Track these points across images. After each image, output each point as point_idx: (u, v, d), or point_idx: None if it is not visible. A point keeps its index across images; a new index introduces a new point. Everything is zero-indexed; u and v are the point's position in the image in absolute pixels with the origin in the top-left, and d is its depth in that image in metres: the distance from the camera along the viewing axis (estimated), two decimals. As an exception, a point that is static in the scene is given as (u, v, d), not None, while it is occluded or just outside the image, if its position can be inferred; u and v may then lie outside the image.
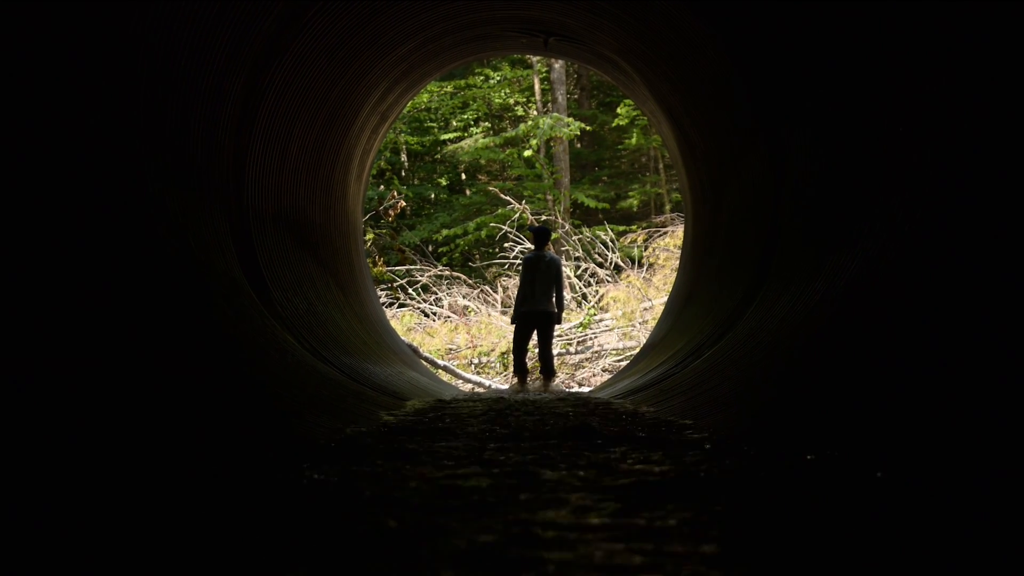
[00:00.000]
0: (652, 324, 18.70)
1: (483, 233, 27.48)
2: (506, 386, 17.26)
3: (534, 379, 15.96)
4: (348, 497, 3.95)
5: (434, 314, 22.63)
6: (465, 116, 31.57)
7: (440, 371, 17.83)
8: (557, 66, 29.13)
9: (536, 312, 15.03)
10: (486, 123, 31.87)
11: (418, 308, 22.96)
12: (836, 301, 6.56)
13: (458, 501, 3.77)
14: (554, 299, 15.13)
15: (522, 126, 29.13)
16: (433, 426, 6.98)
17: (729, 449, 5.12)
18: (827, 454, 4.45)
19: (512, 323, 15.54)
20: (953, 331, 4.68)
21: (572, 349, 20.09)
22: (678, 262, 17.91)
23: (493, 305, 22.89)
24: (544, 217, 26.57)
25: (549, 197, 28.82)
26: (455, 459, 5.11)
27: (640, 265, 23.83)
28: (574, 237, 24.81)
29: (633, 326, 20.30)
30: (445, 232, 28.21)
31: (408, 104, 23.20)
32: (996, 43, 5.01)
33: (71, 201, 5.54)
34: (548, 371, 15.36)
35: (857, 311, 6.12)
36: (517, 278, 22.28)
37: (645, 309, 20.71)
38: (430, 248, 27.89)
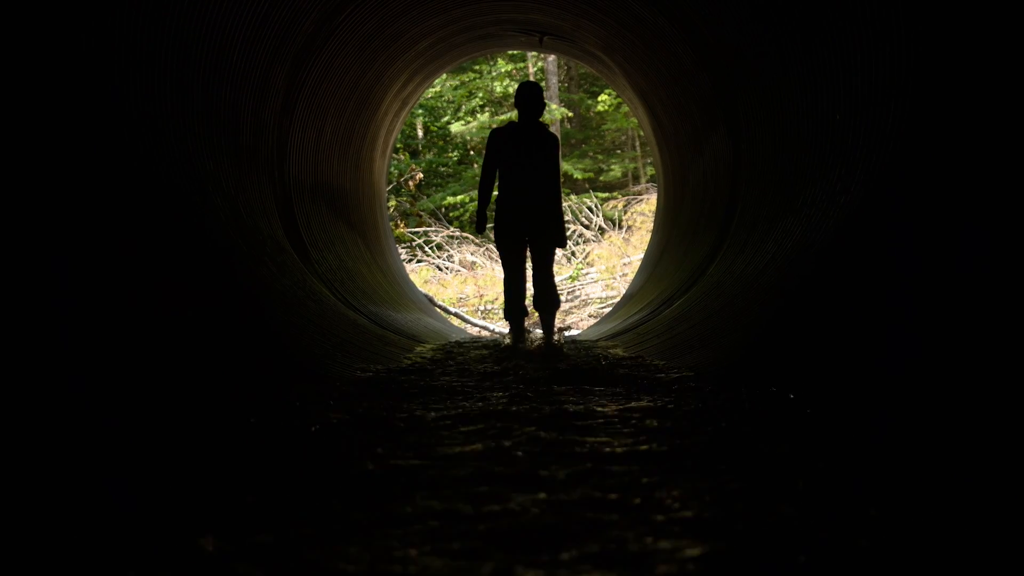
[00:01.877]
0: (630, 277, 18.71)
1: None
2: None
3: (531, 323, 10.57)
4: (378, 423, 4.00)
5: (446, 268, 22.63)
6: (471, 104, 31.51)
7: (452, 317, 17.84)
8: (550, 59, 29.03)
9: (531, 215, 8.17)
10: (490, 109, 31.75)
11: (433, 263, 22.96)
12: (784, 259, 6.60)
13: (469, 423, 3.83)
14: (554, 202, 8.23)
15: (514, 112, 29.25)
16: (447, 365, 7.03)
17: (695, 384, 5.18)
18: (778, 389, 4.51)
19: (479, 232, 8.66)
20: (882, 285, 4.73)
21: (563, 298, 20.09)
22: (652, 224, 17.90)
23: (496, 261, 22.86)
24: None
25: (543, 169, 28.67)
26: (466, 392, 5.16)
27: (620, 227, 23.83)
28: (564, 204, 24.80)
29: (614, 279, 20.32)
30: (456, 199, 28.24)
31: (425, 92, 23.15)
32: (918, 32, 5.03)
33: (138, 172, 5.58)
34: (549, 300, 8.52)
35: (801, 268, 6.16)
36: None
37: (625, 264, 20.72)
38: (443, 212, 27.83)
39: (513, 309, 8.48)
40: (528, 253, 8.43)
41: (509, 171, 8.16)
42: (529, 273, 8.42)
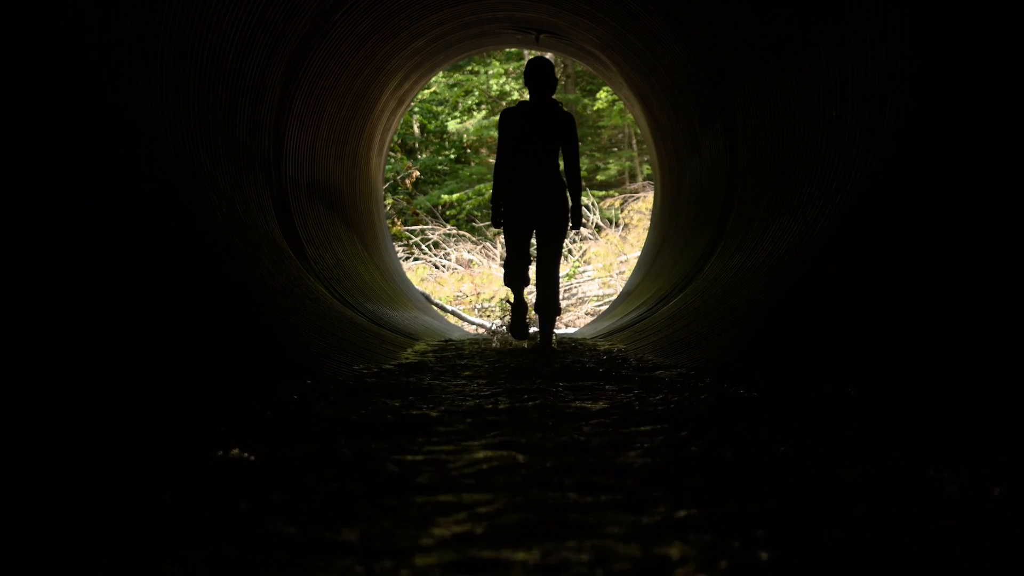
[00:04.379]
0: (627, 275, 18.71)
1: (484, 198, 27.50)
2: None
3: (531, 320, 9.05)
4: (373, 420, 3.99)
5: (443, 266, 22.63)
6: (468, 102, 31.52)
7: (448, 315, 17.83)
8: (547, 57, 29.04)
9: (538, 201, 7.68)
10: (487, 107, 31.77)
11: (430, 261, 22.96)
12: (781, 256, 6.59)
13: (465, 421, 3.82)
14: (564, 182, 7.71)
15: (513, 109, 29.31)
16: (444, 363, 7.02)
17: (691, 381, 5.17)
18: (765, 388, 4.50)
19: (495, 226, 7.95)
20: (879, 282, 4.72)
21: (561, 296, 20.07)
22: (649, 222, 17.88)
23: (493, 259, 22.87)
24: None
25: (540, 167, 28.69)
26: (462, 389, 5.15)
27: (617, 225, 23.83)
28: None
29: (611, 276, 20.34)
30: (452, 197, 28.26)
31: (421, 92, 23.14)
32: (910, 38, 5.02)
33: (135, 171, 5.56)
34: (549, 309, 7.93)
35: (798, 265, 6.15)
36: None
37: (621, 262, 20.73)
38: (440, 210, 27.84)
39: (515, 278, 8.02)
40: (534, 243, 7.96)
41: (517, 154, 7.69)
42: (532, 272, 8.11)
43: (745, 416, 3.96)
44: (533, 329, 8.42)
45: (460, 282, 21.20)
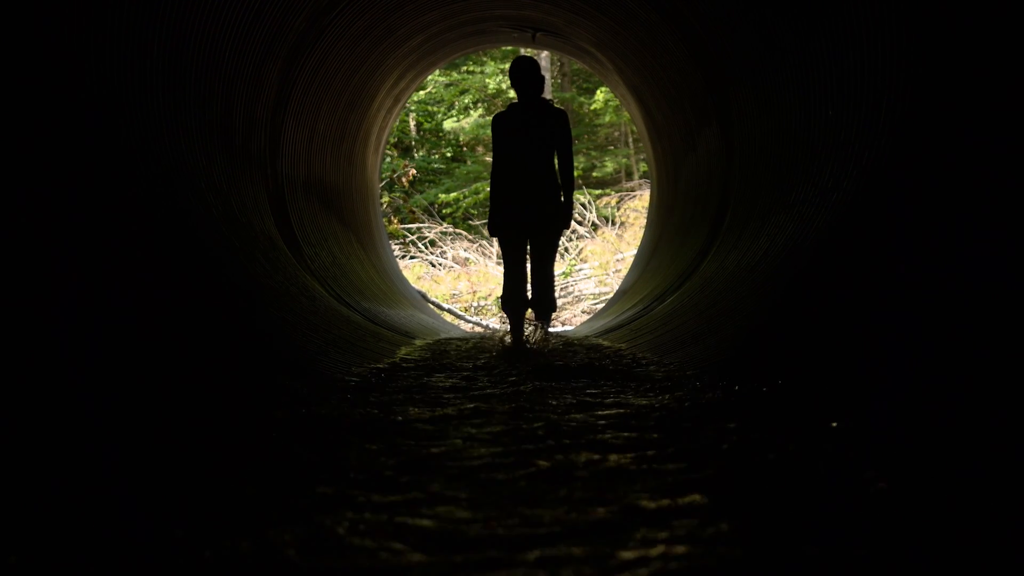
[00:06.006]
0: (623, 273, 18.69)
1: (480, 196, 27.53)
2: (504, 326, 16.62)
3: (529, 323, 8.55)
4: (370, 420, 3.98)
5: (440, 264, 22.62)
6: (464, 101, 31.53)
7: (445, 313, 17.80)
8: (543, 56, 28.99)
9: (532, 205, 7.50)
10: (483, 106, 31.75)
11: (426, 260, 22.95)
12: (777, 255, 6.60)
13: (463, 420, 3.82)
14: (559, 183, 7.54)
15: (510, 106, 29.31)
16: (441, 362, 7.02)
17: (687, 380, 5.18)
18: (755, 386, 4.50)
19: (492, 234, 7.77)
20: (874, 281, 4.73)
21: (557, 293, 20.05)
22: (645, 221, 17.87)
23: (489, 257, 22.86)
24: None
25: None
26: (459, 389, 5.16)
27: (613, 223, 23.83)
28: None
29: (608, 275, 20.33)
30: (449, 196, 28.25)
31: (416, 92, 23.09)
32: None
33: (131, 169, 5.56)
34: (545, 306, 7.83)
35: (794, 264, 6.16)
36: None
37: (618, 260, 20.72)
38: (436, 209, 27.83)
39: (512, 299, 7.72)
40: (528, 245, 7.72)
41: (507, 157, 7.48)
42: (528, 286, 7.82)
43: (738, 411, 3.97)
44: (530, 328, 8.28)
45: (456, 280, 21.19)
